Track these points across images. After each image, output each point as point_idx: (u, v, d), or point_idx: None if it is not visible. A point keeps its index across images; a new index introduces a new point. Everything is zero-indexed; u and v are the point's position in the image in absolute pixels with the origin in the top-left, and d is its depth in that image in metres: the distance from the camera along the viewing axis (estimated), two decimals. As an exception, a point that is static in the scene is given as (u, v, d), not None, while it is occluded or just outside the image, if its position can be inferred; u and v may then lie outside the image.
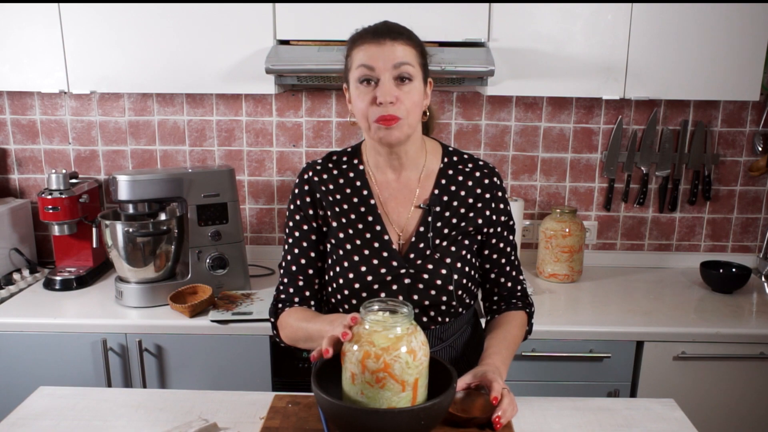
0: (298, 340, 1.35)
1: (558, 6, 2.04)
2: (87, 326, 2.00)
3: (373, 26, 1.31)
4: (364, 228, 1.38)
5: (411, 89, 1.28)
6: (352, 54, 1.31)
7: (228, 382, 2.03)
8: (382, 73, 1.26)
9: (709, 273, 2.33)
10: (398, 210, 1.40)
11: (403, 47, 1.28)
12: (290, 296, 1.42)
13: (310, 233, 1.41)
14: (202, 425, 1.24)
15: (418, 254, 1.37)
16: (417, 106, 1.30)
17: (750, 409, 2.05)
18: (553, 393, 2.00)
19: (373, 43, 1.27)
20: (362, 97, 1.28)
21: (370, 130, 1.30)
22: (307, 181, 1.42)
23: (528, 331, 1.49)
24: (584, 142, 2.49)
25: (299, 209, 1.42)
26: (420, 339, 1.11)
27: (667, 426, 1.28)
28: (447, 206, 1.39)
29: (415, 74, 1.28)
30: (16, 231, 2.44)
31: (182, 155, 2.52)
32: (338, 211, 1.39)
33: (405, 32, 1.31)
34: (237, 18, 2.06)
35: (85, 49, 2.10)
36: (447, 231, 1.38)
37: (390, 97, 1.25)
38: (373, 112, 1.27)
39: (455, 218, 1.39)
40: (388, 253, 1.36)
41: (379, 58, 1.26)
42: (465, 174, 1.42)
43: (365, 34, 1.30)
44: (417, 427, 1.08)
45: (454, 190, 1.40)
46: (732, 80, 2.09)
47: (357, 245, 1.37)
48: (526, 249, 2.55)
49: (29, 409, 1.34)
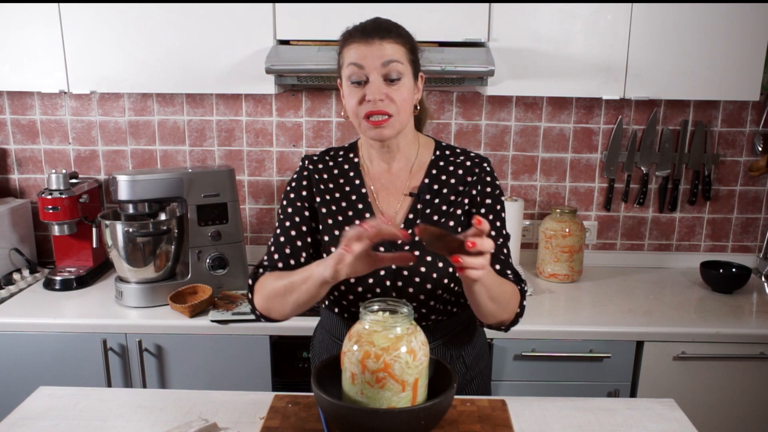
0: (277, 295, 1.30)
1: (558, 6, 2.04)
2: (87, 326, 2.00)
3: (362, 24, 1.34)
4: (354, 215, 1.40)
5: (400, 86, 1.30)
6: (343, 52, 1.34)
7: (228, 382, 2.03)
8: (371, 71, 1.29)
9: (709, 273, 2.33)
10: (389, 199, 1.42)
11: (391, 45, 1.30)
12: (274, 262, 1.40)
13: (304, 210, 1.42)
14: (202, 425, 1.24)
15: (406, 242, 1.36)
16: (407, 102, 1.33)
17: (750, 409, 2.05)
18: (553, 393, 2.00)
19: (362, 41, 1.30)
20: (353, 95, 1.31)
21: (361, 127, 1.34)
22: (304, 169, 1.45)
23: (519, 313, 1.36)
24: (584, 142, 2.49)
25: (295, 189, 1.44)
26: (420, 339, 1.11)
27: (667, 426, 1.28)
28: (437, 194, 1.40)
29: (404, 71, 1.31)
30: (16, 231, 2.44)
31: (182, 155, 2.52)
32: (329, 199, 1.41)
33: (394, 29, 1.33)
34: (237, 18, 2.06)
35: (85, 49, 2.10)
36: (436, 218, 1.39)
37: (379, 95, 1.28)
38: (363, 110, 1.30)
39: (445, 205, 1.40)
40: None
41: (368, 56, 1.29)
42: (456, 164, 1.43)
43: (355, 33, 1.33)
44: (417, 427, 1.08)
45: (444, 179, 1.42)
46: (732, 80, 2.09)
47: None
48: (526, 249, 2.55)
49: (29, 409, 1.34)
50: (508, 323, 1.37)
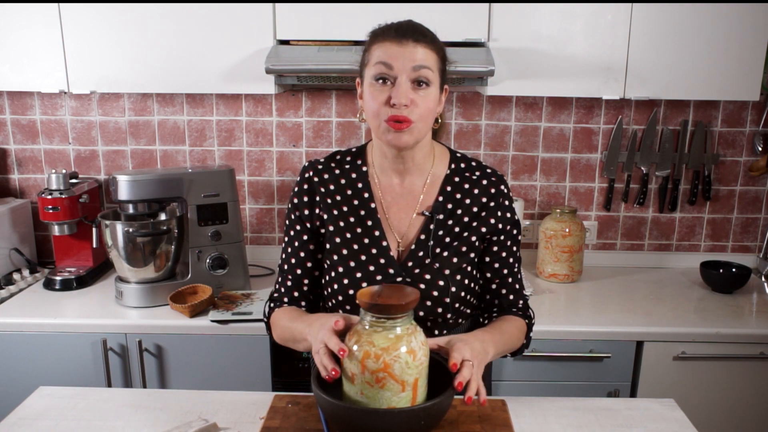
0: (287, 341, 1.35)
1: (558, 6, 2.04)
2: (87, 326, 2.00)
3: (397, 23, 1.28)
4: (362, 232, 1.35)
5: (427, 94, 1.25)
6: (371, 49, 1.27)
7: (228, 382, 2.03)
8: (399, 73, 1.23)
9: (709, 273, 2.33)
10: (400, 216, 1.37)
11: (424, 50, 1.24)
12: (281, 296, 1.43)
13: (303, 233, 1.40)
14: (202, 425, 1.24)
15: (416, 263, 1.34)
16: (430, 113, 1.27)
17: (750, 409, 2.05)
18: (553, 393, 2.00)
19: (395, 41, 1.24)
20: (376, 96, 1.24)
21: (380, 129, 1.27)
22: (307, 180, 1.40)
23: (525, 344, 1.42)
24: (584, 142, 2.49)
25: (295, 208, 1.41)
26: (420, 339, 1.11)
27: (667, 426, 1.28)
28: (450, 214, 1.36)
29: (433, 79, 1.25)
30: (16, 231, 2.44)
31: (182, 155, 2.52)
32: (337, 214, 1.37)
33: (429, 35, 1.27)
34: (237, 18, 2.06)
35: (85, 49, 2.10)
36: (449, 240, 1.35)
37: (405, 99, 1.22)
38: (385, 112, 1.24)
39: (458, 227, 1.36)
40: (385, 260, 1.34)
41: (399, 57, 1.23)
42: (471, 182, 1.38)
43: (388, 30, 1.26)
44: (417, 427, 1.08)
45: (459, 198, 1.37)
46: (732, 80, 2.09)
47: (354, 250, 1.35)
48: (526, 249, 2.55)
49: (29, 409, 1.34)
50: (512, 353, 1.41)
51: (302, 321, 1.27)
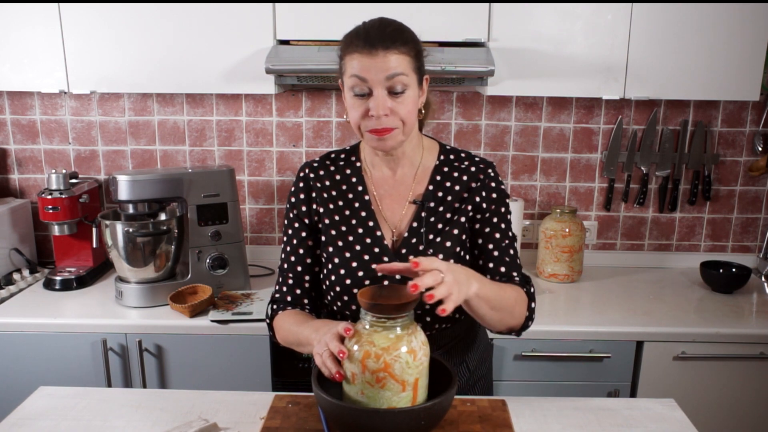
0: (291, 344, 1.35)
1: (558, 6, 2.04)
2: (87, 326, 2.00)
3: (365, 29, 1.27)
4: (357, 224, 1.38)
5: (404, 99, 1.26)
6: (345, 59, 1.28)
7: (228, 382, 2.03)
8: (374, 86, 1.23)
9: (709, 273, 2.33)
10: (393, 207, 1.40)
11: (396, 56, 1.23)
12: (283, 296, 1.43)
13: (301, 231, 1.42)
14: (202, 425, 1.24)
15: (410, 250, 1.36)
16: (411, 114, 1.29)
17: (750, 409, 2.05)
18: (553, 393, 2.00)
19: (365, 52, 1.23)
20: (356, 108, 1.27)
21: (364, 138, 1.31)
22: (303, 179, 1.43)
23: (528, 316, 1.34)
24: (584, 142, 2.49)
25: (293, 207, 1.43)
26: (420, 339, 1.11)
27: (667, 426, 1.28)
28: (441, 201, 1.38)
29: (409, 82, 1.26)
30: (16, 231, 2.44)
31: (182, 155, 2.52)
32: (332, 208, 1.40)
33: (399, 37, 1.25)
34: (237, 18, 2.06)
35: (85, 49, 2.10)
36: (441, 226, 1.37)
37: (383, 110, 1.24)
38: (366, 124, 1.27)
39: (449, 213, 1.38)
40: (380, 249, 1.36)
41: (371, 69, 1.23)
42: (460, 170, 1.41)
43: (357, 40, 1.25)
44: (417, 427, 1.08)
45: (448, 186, 1.39)
46: (732, 80, 2.09)
47: (349, 241, 1.37)
48: (526, 249, 2.55)
49: (29, 409, 1.34)
50: (519, 328, 1.35)
51: (309, 326, 1.27)
